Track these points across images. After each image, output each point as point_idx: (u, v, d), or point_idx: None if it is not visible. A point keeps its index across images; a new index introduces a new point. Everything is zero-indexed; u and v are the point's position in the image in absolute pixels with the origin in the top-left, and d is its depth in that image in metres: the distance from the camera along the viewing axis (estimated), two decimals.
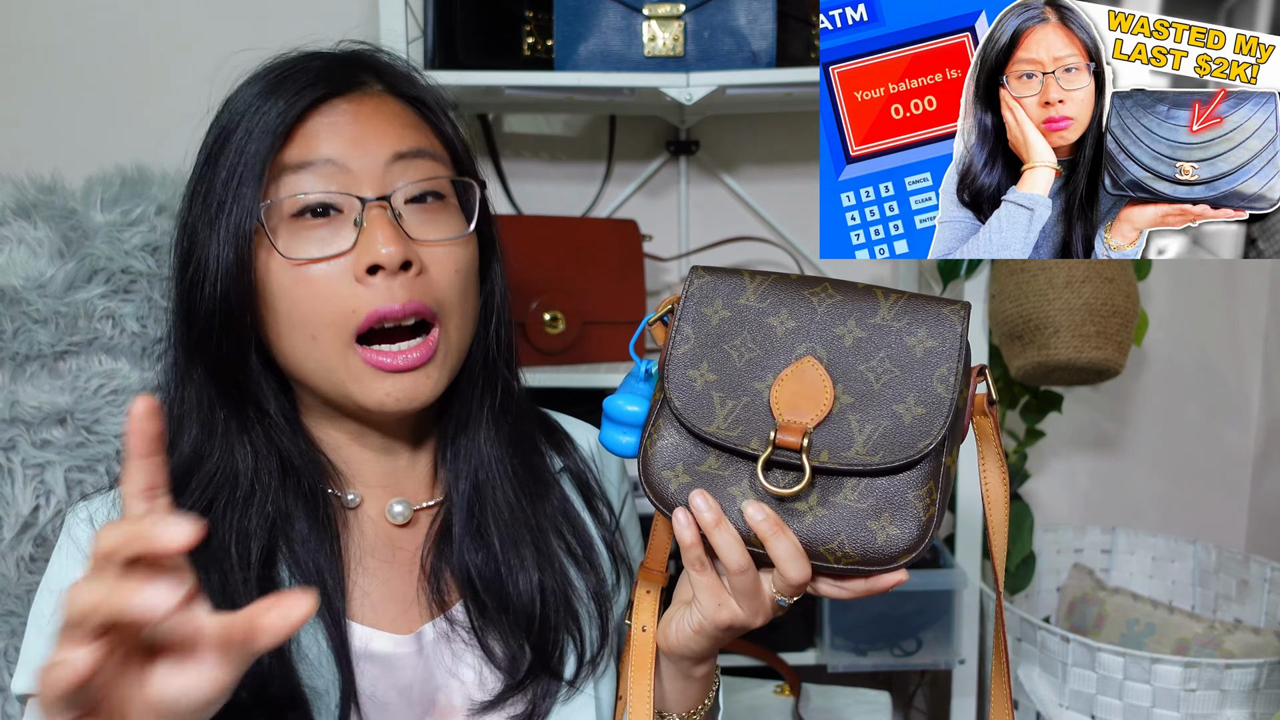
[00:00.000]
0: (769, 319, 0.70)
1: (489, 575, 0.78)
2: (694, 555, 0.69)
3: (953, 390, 0.66)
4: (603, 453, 0.92)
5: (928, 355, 0.67)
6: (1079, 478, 1.81)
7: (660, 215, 1.69)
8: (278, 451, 0.75)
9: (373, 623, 0.76)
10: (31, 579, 0.92)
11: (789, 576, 0.66)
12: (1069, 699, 1.36)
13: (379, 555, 0.79)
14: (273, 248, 0.70)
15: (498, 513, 0.80)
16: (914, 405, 0.66)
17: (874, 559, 0.66)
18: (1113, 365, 1.34)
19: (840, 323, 0.69)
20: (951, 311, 0.68)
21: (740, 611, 0.70)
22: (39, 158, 1.10)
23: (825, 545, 0.66)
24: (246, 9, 1.60)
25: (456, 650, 0.78)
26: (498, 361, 0.81)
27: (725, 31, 1.34)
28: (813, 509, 0.67)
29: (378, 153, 0.72)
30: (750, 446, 0.67)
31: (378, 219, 0.70)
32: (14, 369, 0.92)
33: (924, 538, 0.66)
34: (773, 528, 0.66)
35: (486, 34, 1.41)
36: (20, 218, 0.95)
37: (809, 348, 0.69)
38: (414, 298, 0.71)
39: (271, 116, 0.71)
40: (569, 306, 1.40)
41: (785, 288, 0.71)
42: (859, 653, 1.44)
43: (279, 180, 0.71)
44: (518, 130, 1.69)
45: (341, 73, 0.74)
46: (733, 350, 0.70)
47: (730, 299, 0.71)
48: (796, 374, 0.68)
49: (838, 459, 0.66)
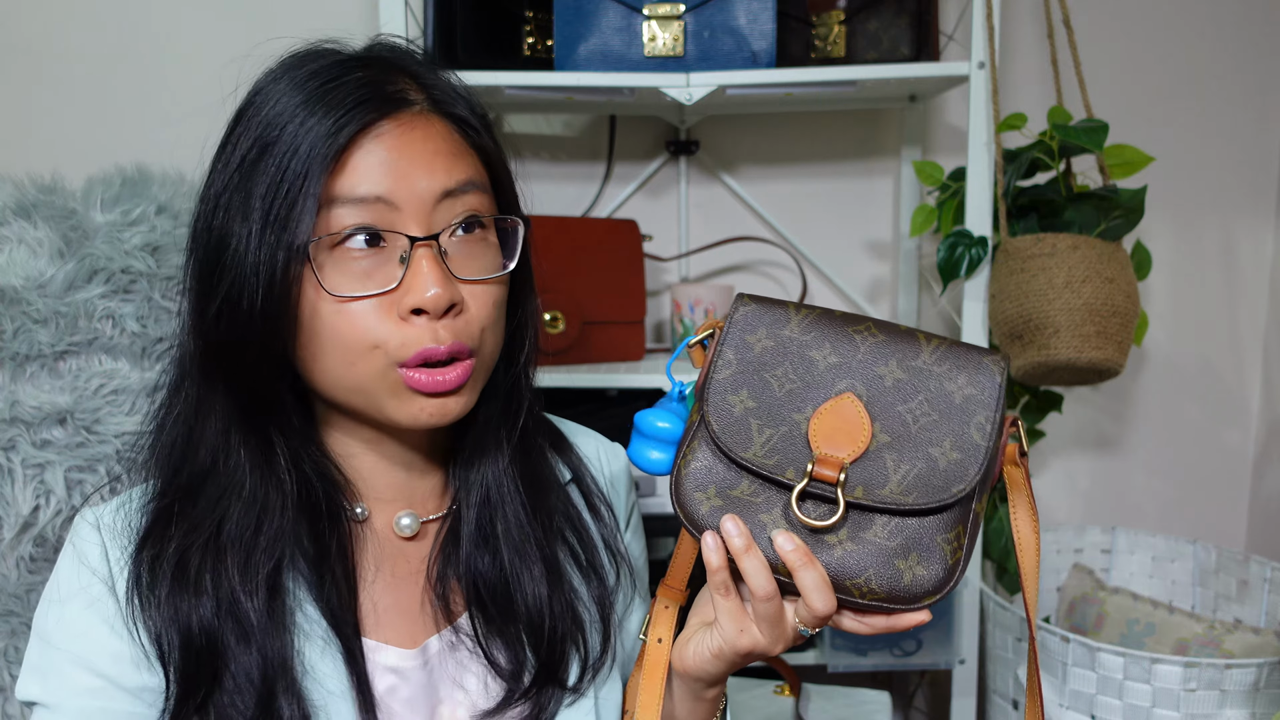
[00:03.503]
0: (811, 352, 0.71)
1: (497, 585, 0.78)
2: (720, 579, 0.69)
3: (989, 438, 0.67)
4: (610, 460, 0.92)
5: (966, 402, 0.68)
6: (1079, 478, 1.81)
7: (660, 215, 1.70)
8: (293, 466, 0.74)
9: (380, 637, 0.76)
10: (31, 579, 0.92)
11: (815, 608, 0.66)
12: (1069, 699, 1.36)
13: (386, 568, 0.78)
14: (319, 285, 0.69)
15: (506, 526, 0.79)
16: (950, 450, 0.67)
17: (899, 597, 0.66)
18: (1113, 365, 1.34)
19: (882, 362, 0.70)
20: (992, 361, 0.69)
21: (761, 638, 0.70)
22: (39, 158, 1.10)
23: (852, 580, 0.67)
24: (247, 9, 1.60)
25: (461, 660, 0.78)
26: (522, 390, 0.81)
27: (725, 31, 1.34)
28: (842, 543, 0.67)
29: (426, 191, 0.70)
30: (786, 476, 0.68)
31: (424, 257, 0.69)
32: (14, 369, 0.92)
33: (949, 580, 0.66)
34: (802, 558, 0.66)
35: (486, 34, 1.41)
36: (20, 218, 0.95)
37: (849, 384, 0.69)
38: (457, 339, 0.70)
39: (318, 138, 0.68)
40: (569, 306, 1.40)
41: (829, 323, 0.71)
42: (859, 653, 1.44)
43: (326, 212, 0.69)
44: (518, 130, 1.69)
45: (386, 88, 0.71)
46: (773, 379, 0.70)
47: (774, 329, 0.72)
48: (836, 409, 0.69)
49: (872, 496, 0.67)
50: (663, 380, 1.37)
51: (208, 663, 0.69)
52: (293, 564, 0.73)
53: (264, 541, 0.72)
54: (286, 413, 0.74)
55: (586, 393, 1.50)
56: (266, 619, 0.70)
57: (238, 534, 0.71)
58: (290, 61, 0.73)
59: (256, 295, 0.69)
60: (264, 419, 0.74)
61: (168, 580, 0.70)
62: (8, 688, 0.93)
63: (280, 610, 0.71)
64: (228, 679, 0.69)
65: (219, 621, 0.69)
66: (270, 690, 0.69)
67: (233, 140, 0.72)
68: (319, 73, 0.71)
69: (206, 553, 0.71)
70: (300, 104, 0.69)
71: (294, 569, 0.73)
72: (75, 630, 0.71)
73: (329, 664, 0.72)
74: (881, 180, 1.71)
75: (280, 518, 0.73)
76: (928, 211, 1.48)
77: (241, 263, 0.69)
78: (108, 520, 0.74)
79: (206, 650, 0.69)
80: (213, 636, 0.69)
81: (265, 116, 0.70)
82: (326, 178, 0.68)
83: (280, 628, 0.71)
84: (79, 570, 0.72)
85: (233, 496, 0.72)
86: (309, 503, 0.74)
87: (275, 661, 0.70)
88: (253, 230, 0.68)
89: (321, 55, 0.73)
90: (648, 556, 0.97)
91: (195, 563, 0.70)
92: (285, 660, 0.70)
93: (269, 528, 0.72)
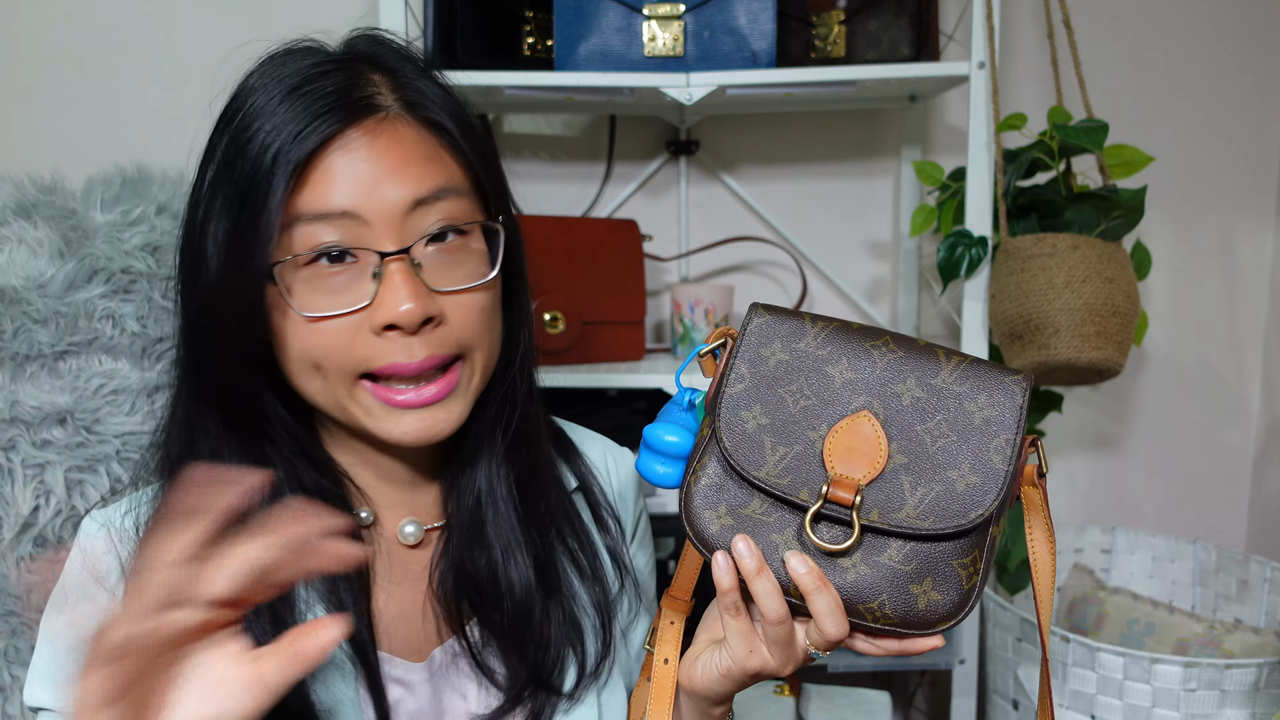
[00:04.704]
0: (828, 368, 0.69)
1: (489, 589, 0.78)
2: (730, 600, 0.68)
3: (1009, 462, 0.66)
4: (618, 468, 0.91)
5: (986, 424, 0.67)
6: (1079, 478, 1.81)
7: (660, 215, 1.69)
8: (288, 475, 0.73)
9: (388, 649, 0.75)
10: (32, 579, 0.92)
11: (827, 632, 0.65)
12: (1069, 699, 1.36)
13: (392, 577, 0.78)
14: (288, 306, 0.68)
15: (498, 529, 0.78)
16: (968, 473, 0.66)
17: (913, 623, 0.65)
18: (1113, 365, 1.34)
19: (900, 380, 0.68)
20: (1014, 381, 0.68)
21: (771, 660, 0.69)
22: (39, 158, 1.10)
23: (865, 604, 0.65)
24: (246, 8, 1.60)
25: (462, 669, 0.77)
26: (518, 392, 0.79)
27: (725, 31, 1.34)
28: (855, 566, 0.66)
29: (396, 202, 0.67)
30: (800, 497, 0.66)
31: (397, 272, 0.67)
32: (14, 369, 0.92)
33: (964, 606, 0.65)
34: (815, 582, 0.64)
35: (486, 34, 1.41)
36: (20, 218, 0.95)
37: (866, 402, 0.68)
38: (431, 353, 0.69)
39: (282, 152, 0.66)
40: (569, 306, 1.40)
41: (846, 337, 0.70)
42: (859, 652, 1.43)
43: (293, 230, 0.67)
44: (518, 130, 1.69)
45: (354, 95, 0.69)
46: (788, 395, 0.69)
47: (789, 342, 0.70)
48: (851, 428, 0.67)
49: (887, 520, 0.65)
50: (663, 381, 1.37)
51: None
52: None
53: None
54: (274, 424, 0.73)
55: (586, 393, 1.50)
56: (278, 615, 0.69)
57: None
58: (267, 65, 0.71)
59: (229, 315, 0.68)
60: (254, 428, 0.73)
61: None
62: (7, 687, 0.93)
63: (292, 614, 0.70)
64: None
65: None
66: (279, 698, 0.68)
67: (210, 150, 0.71)
68: (288, 77, 0.69)
69: None
70: (268, 113, 0.68)
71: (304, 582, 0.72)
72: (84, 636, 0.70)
73: (339, 675, 0.72)
74: (881, 180, 1.71)
75: None
76: (928, 211, 1.48)
77: (212, 282, 0.69)
78: (117, 523, 0.73)
79: None
80: None
81: (237, 125, 0.69)
82: (292, 195, 0.66)
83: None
84: (84, 570, 0.72)
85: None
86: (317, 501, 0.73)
87: None
88: (221, 251, 0.68)
89: (298, 56, 0.71)
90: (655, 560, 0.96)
91: None
92: None
93: None
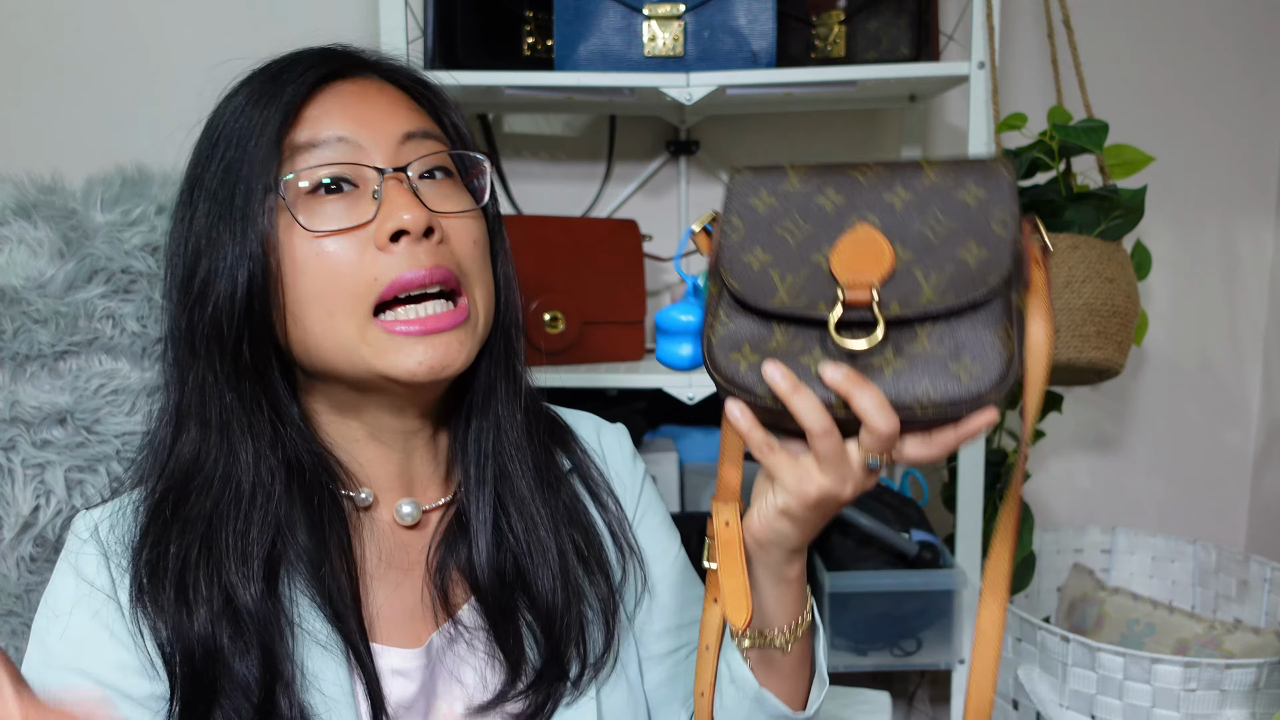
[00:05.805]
0: (817, 199, 0.69)
1: (507, 572, 0.77)
2: (758, 439, 0.67)
3: (1011, 230, 0.65)
4: (611, 443, 0.90)
5: (980, 205, 0.66)
6: (1079, 478, 1.81)
7: (660, 215, 1.70)
8: (286, 454, 0.72)
9: (384, 639, 0.75)
10: (31, 579, 0.92)
11: (877, 428, 0.63)
12: (1069, 699, 1.36)
13: (388, 560, 0.77)
14: (293, 220, 0.69)
15: (520, 501, 0.78)
16: (976, 248, 0.65)
17: (961, 401, 0.63)
18: (1113, 365, 1.34)
19: (888, 190, 0.68)
20: (995, 165, 0.68)
21: (826, 480, 0.66)
22: (39, 158, 1.10)
23: (911, 396, 0.64)
24: (246, 9, 1.60)
25: (459, 653, 0.77)
26: (513, 343, 0.80)
27: (725, 31, 1.34)
28: (891, 363, 0.65)
29: (388, 131, 0.72)
30: (818, 310, 0.65)
31: (396, 189, 0.70)
32: (14, 369, 0.92)
33: (1007, 371, 0.63)
34: (854, 383, 0.63)
35: (486, 34, 1.41)
36: (20, 218, 0.95)
37: (861, 216, 0.67)
38: (439, 263, 0.70)
39: (276, 101, 0.70)
40: (569, 306, 1.40)
41: (828, 170, 0.70)
42: (859, 653, 1.44)
43: (291, 159, 0.70)
44: (518, 130, 1.69)
45: (340, 58, 0.75)
46: (785, 232, 0.69)
47: (774, 187, 0.70)
48: (853, 239, 0.67)
49: (909, 307, 0.64)
50: (663, 380, 1.37)
51: (206, 668, 0.67)
52: (289, 562, 0.71)
53: (255, 531, 0.70)
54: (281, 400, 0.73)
55: (586, 393, 1.50)
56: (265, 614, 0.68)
57: (229, 527, 0.70)
58: (247, 75, 0.75)
59: (234, 258, 0.69)
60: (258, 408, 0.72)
61: (167, 583, 0.69)
62: None
63: (278, 611, 0.70)
64: (226, 683, 0.67)
65: (213, 627, 0.68)
66: (270, 698, 0.68)
67: (198, 146, 0.75)
68: (271, 66, 0.74)
69: (200, 550, 0.69)
70: (253, 93, 0.72)
71: (291, 568, 0.71)
72: (77, 643, 0.69)
73: (330, 669, 0.71)
74: None
75: (271, 505, 0.71)
76: None
77: (217, 241, 0.70)
78: (105, 527, 0.73)
79: (204, 656, 0.67)
80: (209, 640, 0.67)
81: (219, 116, 0.74)
82: (289, 130, 0.70)
83: (278, 630, 0.69)
84: (77, 581, 0.71)
85: (221, 488, 0.71)
86: (302, 490, 0.72)
87: (274, 666, 0.68)
88: (223, 204, 0.70)
89: (277, 58, 0.76)
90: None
91: (191, 562, 0.69)
92: (283, 665, 0.68)
93: (259, 517, 0.70)
